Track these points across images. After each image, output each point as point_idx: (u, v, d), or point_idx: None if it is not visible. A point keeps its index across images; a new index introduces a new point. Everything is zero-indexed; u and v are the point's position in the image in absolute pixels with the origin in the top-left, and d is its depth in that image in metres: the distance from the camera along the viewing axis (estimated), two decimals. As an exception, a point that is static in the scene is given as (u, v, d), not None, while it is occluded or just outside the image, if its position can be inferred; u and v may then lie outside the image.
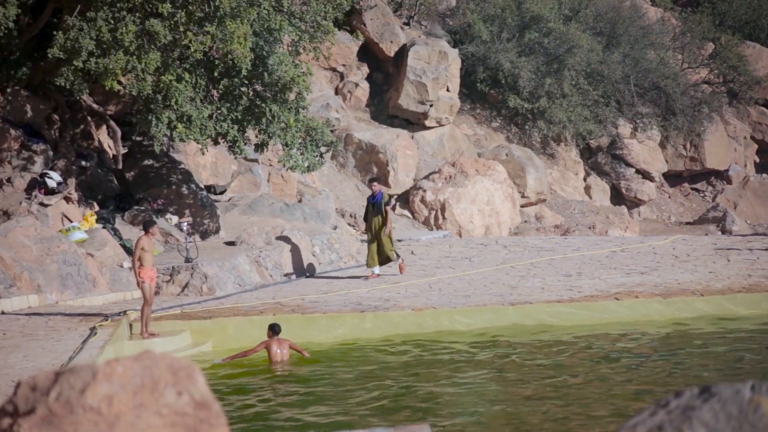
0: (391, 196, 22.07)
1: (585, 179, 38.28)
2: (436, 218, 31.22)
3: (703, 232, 34.62)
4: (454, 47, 35.60)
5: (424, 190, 31.55)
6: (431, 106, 34.04)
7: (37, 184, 22.11)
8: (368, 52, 34.90)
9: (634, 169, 39.56)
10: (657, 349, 16.16)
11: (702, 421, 3.09)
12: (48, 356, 14.48)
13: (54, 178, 22.19)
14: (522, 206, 33.57)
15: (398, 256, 21.89)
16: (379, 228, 21.46)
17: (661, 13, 43.86)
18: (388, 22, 35.00)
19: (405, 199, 31.93)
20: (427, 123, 34.32)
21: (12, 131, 22.50)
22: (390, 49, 34.78)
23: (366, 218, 21.92)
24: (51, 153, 23.14)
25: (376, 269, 21.70)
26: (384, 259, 21.70)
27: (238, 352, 16.40)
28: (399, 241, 26.43)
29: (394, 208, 21.76)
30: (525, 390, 13.56)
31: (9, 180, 22.17)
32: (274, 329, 16.45)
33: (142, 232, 17.10)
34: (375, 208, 21.53)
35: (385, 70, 35.17)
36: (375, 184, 21.90)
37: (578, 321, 18.14)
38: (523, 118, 37.34)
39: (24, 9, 20.51)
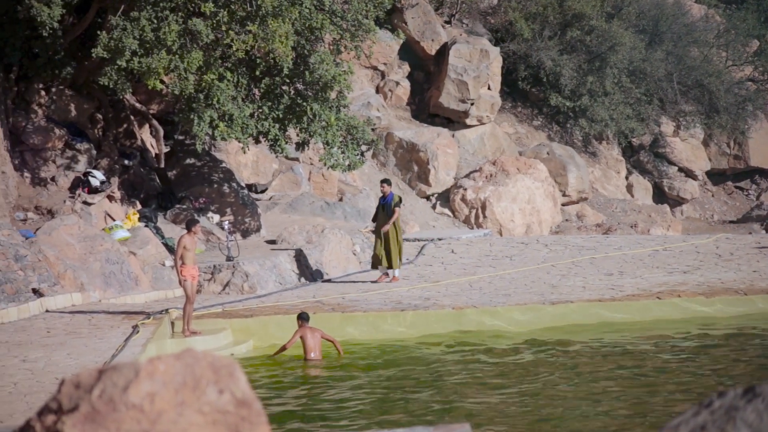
0: (401, 198, 21.51)
1: (627, 178, 38.04)
2: (477, 217, 31.15)
3: (747, 230, 34.31)
4: (495, 45, 35.49)
5: (465, 189, 31.48)
6: (472, 104, 33.96)
7: (81, 183, 22.29)
8: (409, 51, 34.87)
9: (676, 168, 39.27)
10: (699, 349, 16.04)
11: (746, 422, 3.06)
12: (91, 354, 14.60)
13: (97, 177, 22.37)
14: (563, 205, 33.42)
15: (390, 267, 21.04)
16: (391, 229, 20.81)
17: (705, 10, 43.48)
18: (429, 20, 34.95)
19: (445, 197, 31.88)
20: (468, 121, 34.25)
21: (56, 130, 22.70)
22: (431, 48, 34.74)
23: (375, 219, 21.38)
24: (94, 152, 23.33)
25: (397, 272, 21.11)
26: (379, 261, 20.97)
27: (276, 350, 16.49)
28: (439, 239, 26.40)
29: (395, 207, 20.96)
30: (565, 389, 13.49)
31: (53, 179, 22.37)
32: (303, 317, 16.56)
33: (184, 231, 17.19)
34: (385, 209, 20.98)
35: (426, 69, 35.12)
36: (385, 185, 21.31)
37: (620, 320, 18.03)
38: (565, 116, 37.17)
39: (69, 9, 20.68)
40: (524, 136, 36.37)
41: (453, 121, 34.40)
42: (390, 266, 21.00)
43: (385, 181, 21.47)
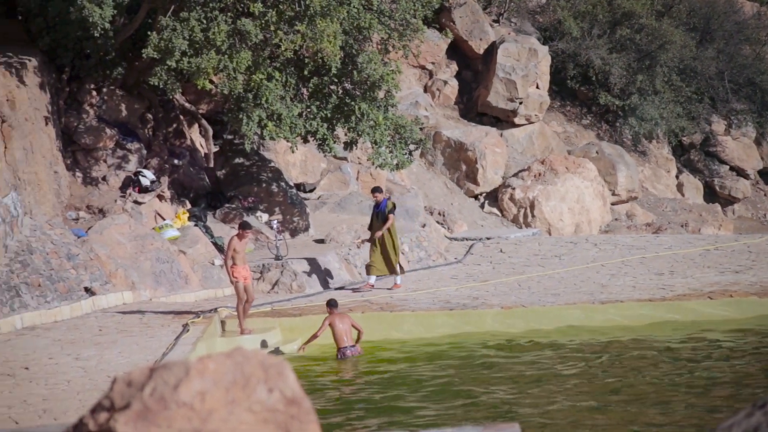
0: (395, 205, 20.88)
1: (677, 177, 37.72)
2: (525, 216, 31.03)
3: (800, 230, 33.86)
4: (544, 44, 35.34)
5: (513, 188, 31.37)
6: (521, 103, 33.84)
7: (132, 183, 22.48)
8: (457, 50, 34.81)
9: (728, 167, 38.88)
10: (751, 349, 15.87)
11: (799, 425, 3.02)
12: (142, 352, 14.72)
13: (148, 177, 22.55)
14: (612, 204, 33.21)
15: (395, 274, 20.58)
16: (386, 236, 20.39)
17: (758, 8, 43.00)
18: (477, 19, 34.87)
19: (494, 197, 31.80)
20: (517, 120, 34.13)
21: (107, 130, 22.91)
22: (479, 47, 34.66)
23: (371, 227, 20.91)
24: (145, 152, 23.52)
25: (399, 279, 20.59)
26: (379, 270, 20.51)
27: (306, 339, 16.57)
28: (488, 239, 26.33)
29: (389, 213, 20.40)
30: (617, 389, 13.41)
31: (104, 178, 22.58)
32: (331, 304, 16.62)
33: (234, 230, 17.32)
34: (379, 217, 20.56)
35: (474, 68, 35.05)
36: (377, 194, 20.80)
37: (670, 319, 17.88)
38: (614, 115, 36.93)
39: (120, 10, 20.87)
40: (573, 135, 36.18)
41: (501, 120, 34.29)
42: (392, 273, 20.50)
43: (377, 189, 21.03)
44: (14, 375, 13.64)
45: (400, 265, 20.70)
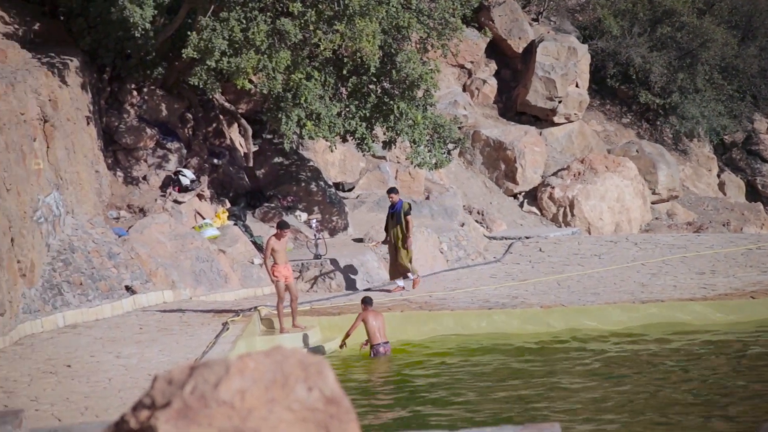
0: (410, 206, 20.78)
1: (719, 175, 37.42)
2: (565, 215, 30.91)
3: (844, 230, 33.48)
4: (583, 43, 35.17)
5: (553, 187, 31.26)
6: (560, 102, 33.70)
7: (172, 182, 22.61)
8: (496, 49, 34.72)
9: (770, 165, 38.51)
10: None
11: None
12: (182, 350, 14.81)
13: (187, 176, 22.67)
14: (653, 203, 33.01)
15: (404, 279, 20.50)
16: (399, 239, 20.32)
17: (800, 5, 42.55)
18: (516, 18, 34.76)
19: (533, 196, 31.69)
20: (556, 119, 34.00)
21: (148, 130, 23.06)
22: (518, 46, 34.55)
23: (386, 229, 20.75)
24: (185, 151, 23.65)
25: (400, 281, 20.43)
26: (402, 271, 20.39)
27: (342, 338, 16.63)
28: (527, 238, 26.25)
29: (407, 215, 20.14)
30: (656, 390, 13.33)
31: (145, 178, 22.73)
32: (366, 301, 16.67)
33: (273, 229, 17.40)
34: (394, 218, 20.43)
35: (513, 67, 34.95)
36: (392, 195, 20.74)
37: (713, 320, 17.75)
38: (655, 113, 36.70)
39: (160, 10, 20.99)
40: (613, 133, 35.99)
41: (540, 119, 34.17)
42: (399, 276, 20.38)
43: (393, 190, 20.96)
44: (57, 372, 13.77)
45: (409, 269, 20.36)
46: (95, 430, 4.45)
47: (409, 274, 20.41)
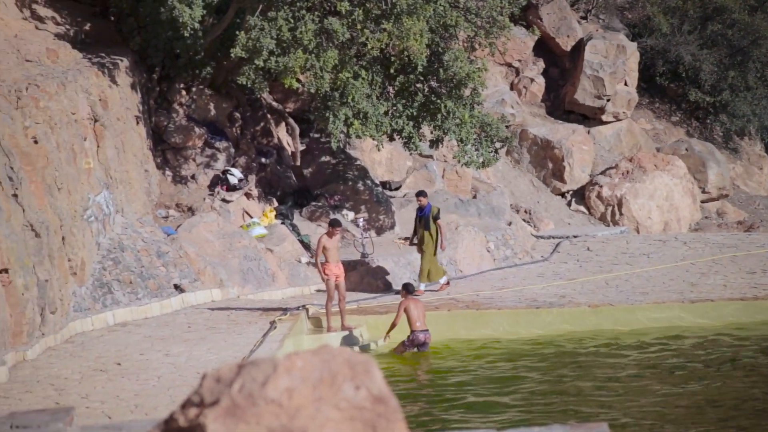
0: (439, 210, 20.49)
1: (770, 174, 36.98)
2: (613, 214, 30.72)
3: None
4: (632, 41, 34.91)
5: (601, 186, 31.07)
6: (608, 100, 33.49)
7: (220, 181, 22.73)
8: (544, 47, 34.56)
9: (823, 164, 38.01)
10: None
11: None
12: (230, 349, 14.90)
13: (235, 175, 22.78)
14: (702, 202, 32.70)
15: (437, 282, 20.14)
16: (428, 242, 19.94)
17: None
18: (564, 16, 34.58)
19: (580, 194, 31.53)
20: (604, 118, 33.78)
21: (196, 129, 23.20)
22: (566, 44, 34.37)
23: (415, 232, 20.51)
24: (233, 150, 23.77)
25: (422, 285, 19.99)
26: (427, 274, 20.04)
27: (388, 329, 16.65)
28: (575, 237, 26.12)
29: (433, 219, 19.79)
30: (705, 390, 13.21)
31: (193, 177, 22.87)
32: (407, 288, 16.66)
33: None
34: (422, 222, 20.15)
35: (561, 65, 34.77)
36: (421, 198, 20.51)
37: (761, 319, 17.58)
38: (704, 111, 36.35)
39: (209, 10, 21.12)
40: (662, 132, 35.70)
41: (588, 117, 33.97)
42: (420, 279, 20.08)
43: (421, 194, 20.74)
44: (107, 370, 13.91)
45: (427, 275, 20.05)
46: (145, 427, 4.48)
47: (422, 285, 19.96)
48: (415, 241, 20.41)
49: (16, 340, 14.51)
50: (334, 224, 17.37)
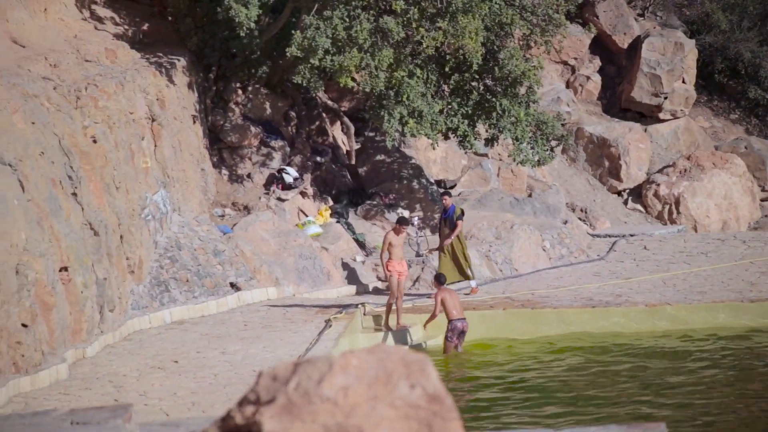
0: (462, 211, 20.06)
1: (832, 172, 36.42)
2: (670, 212, 30.44)
3: None
4: (690, 38, 34.54)
5: (658, 184, 30.80)
6: (665, 98, 33.17)
7: (275, 180, 22.83)
8: (600, 45, 34.31)
9: None
10: None
11: None
12: (286, 347, 14.97)
13: (291, 174, 22.87)
14: (762, 200, 32.29)
15: (467, 279, 19.69)
16: (455, 243, 19.46)
17: None
18: (621, 13, 34.32)
19: (637, 193, 31.27)
20: (661, 116, 33.47)
21: (252, 128, 23.32)
22: (623, 41, 34.10)
23: (439, 234, 20.06)
24: (288, 149, 23.86)
25: (474, 283, 19.74)
26: (450, 277, 19.14)
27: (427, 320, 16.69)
28: (631, 236, 25.92)
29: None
30: (762, 391, 13.06)
31: (249, 176, 23.00)
32: (439, 279, 16.71)
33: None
34: (447, 223, 19.68)
35: (617, 63, 34.50)
36: (446, 198, 20.09)
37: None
38: (764, 109, 35.87)
39: (265, 10, 21.23)
40: (720, 130, 35.30)
41: (645, 115, 33.67)
42: (465, 278, 19.67)
43: (446, 194, 20.45)
44: (164, 368, 14.03)
45: (471, 270, 19.83)
46: (202, 425, 4.52)
47: (473, 282, 19.71)
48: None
49: (76, 338, 14.69)
50: (402, 222, 17.47)
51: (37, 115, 15.36)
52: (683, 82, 33.50)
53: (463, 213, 20.03)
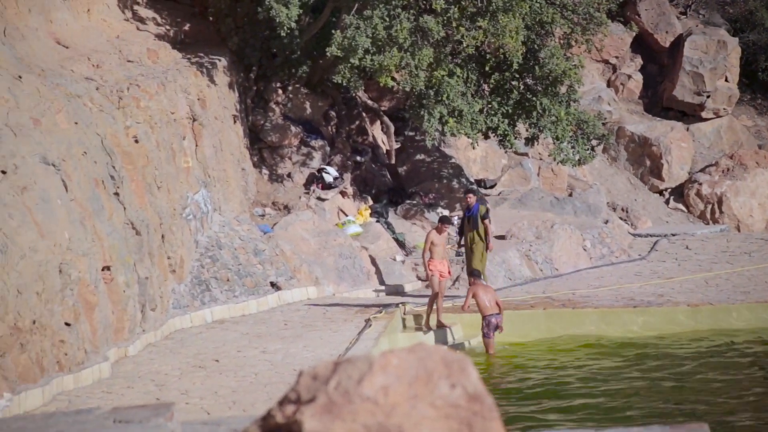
0: (488, 209, 19.47)
1: None
2: (713, 212, 30.20)
3: None
4: (733, 36, 34.26)
5: (700, 184, 30.58)
6: (708, 97, 32.92)
7: (315, 179, 22.88)
8: (642, 43, 34.11)
9: None
10: None
11: None
12: (326, 346, 14.99)
13: (331, 173, 22.91)
14: (806, 200, 31.96)
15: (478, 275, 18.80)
16: (477, 242, 18.77)
17: None
18: (663, 11, 34.10)
19: (679, 192, 31.06)
20: (704, 114, 33.22)
21: (292, 128, 23.39)
22: (665, 40, 33.88)
23: (461, 232, 19.37)
24: (328, 149, 23.91)
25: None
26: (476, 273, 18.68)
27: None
28: (673, 235, 25.74)
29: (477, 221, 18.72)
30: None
31: (289, 175, 23.06)
32: (474, 274, 16.63)
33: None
34: (471, 222, 18.95)
35: (659, 62, 34.28)
36: (470, 195, 19.44)
37: None
38: (808, 107, 35.51)
39: (305, 9, 21.29)
40: (764, 128, 34.99)
41: (687, 114, 33.44)
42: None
43: (470, 191, 19.96)
44: (205, 367, 14.11)
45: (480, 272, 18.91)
46: (243, 423, 4.54)
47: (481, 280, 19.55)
48: (463, 242, 19.59)
49: (118, 337, 14.81)
50: (445, 221, 17.45)
51: (80, 116, 15.50)
52: (726, 80, 33.23)
53: (488, 211, 19.41)
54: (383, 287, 20.64)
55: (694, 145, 32.30)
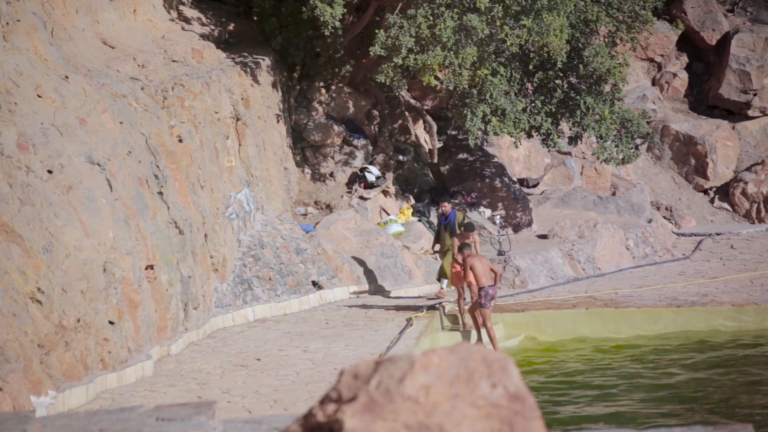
0: (465, 216, 19.31)
1: None
2: (758, 211, 29.91)
3: None
4: (780, 33, 33.90)
5: (746, 182, 30.28)
6: (755, 95, 32.59)
7: (358, 179, 22.89)
8: (688, 41, 33.83)
9: None
10: None
11: None
12: (367, 345, 15.01)
13: (373, 173, 22.92)
14: None
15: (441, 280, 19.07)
16: (453, 247, 17.97)
17: None
18: (710, 9, 33.80)
19: (724, 191, 30.79)
20: (750, 113, 32.88)
21: (335, 127, 23.42)
22: (711, 38, 33.58)
23: (438, 239, 19.21)
24: (370, 148, 23.92)
25: (444, 283, 18.90)
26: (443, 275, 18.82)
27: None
28: (717, 234, 25.53)
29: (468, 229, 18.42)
30: None
31: (332, 174, 23.10)
32: (467, 227, 16.61)
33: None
34: (448, 229, 18.70)
35: (705, 60, 33.98)
36: (445, 204, 19.28)
37: None
38: None
39: (349, 9, 21.30)
40: (811, 127, 34.57)
41: (733, 112, 33.12)
42: (442, 278, 18.99)
43: (445, 200, 19.72)
44: (247, 366, 14.16)
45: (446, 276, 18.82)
46: (284, 422, 4.55)
47: (444, 283, 19.00)
48: (437, 248, 19.38)
49: (161, 335, 14.90)
50: (468, 228, 17.41)
51: (125, 115, 15.61)
52: (773, 78, 32.87)
53: (464, 218, 19.12)
54: (423, 286, 20.62)
55: (740, 143, 32.00)
